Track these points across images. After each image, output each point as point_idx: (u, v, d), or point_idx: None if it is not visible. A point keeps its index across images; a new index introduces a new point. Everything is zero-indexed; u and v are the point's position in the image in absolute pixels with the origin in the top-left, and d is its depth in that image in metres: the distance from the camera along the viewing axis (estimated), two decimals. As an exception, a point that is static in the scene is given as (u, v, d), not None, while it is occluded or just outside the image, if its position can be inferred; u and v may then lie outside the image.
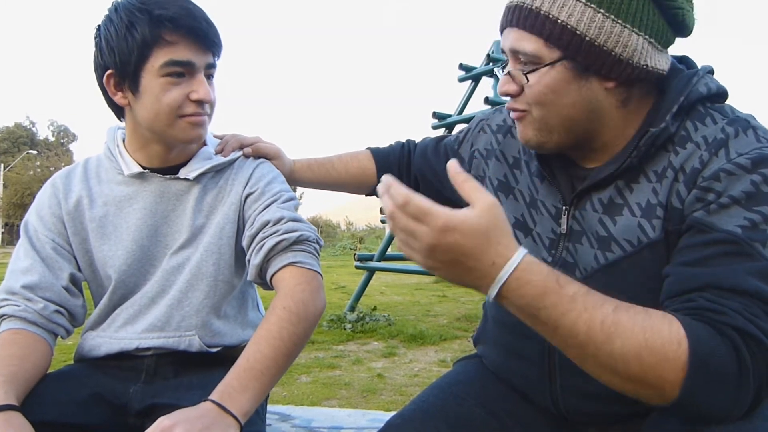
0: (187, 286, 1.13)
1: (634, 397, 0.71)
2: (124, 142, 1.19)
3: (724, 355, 0.67)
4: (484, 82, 6.79)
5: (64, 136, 52.37)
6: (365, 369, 4.06)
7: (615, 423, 0.88)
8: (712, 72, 0.87)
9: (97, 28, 1.09)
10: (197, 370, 1.13)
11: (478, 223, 0.66)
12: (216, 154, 1.22)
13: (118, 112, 1.15)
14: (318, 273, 1.12)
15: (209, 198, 1.17)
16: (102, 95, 1.12)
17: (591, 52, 0.80)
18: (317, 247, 1.15)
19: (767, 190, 0.72)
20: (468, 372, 1.05)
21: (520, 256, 0.68)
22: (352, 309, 6.00)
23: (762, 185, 0.72)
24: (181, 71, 1.05)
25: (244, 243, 1.15)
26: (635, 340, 0.66)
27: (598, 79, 0.82)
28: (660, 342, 0.66)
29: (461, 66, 6.76)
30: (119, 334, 1.13)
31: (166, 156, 1.16)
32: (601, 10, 0.79)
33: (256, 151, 1.26)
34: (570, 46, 0.80)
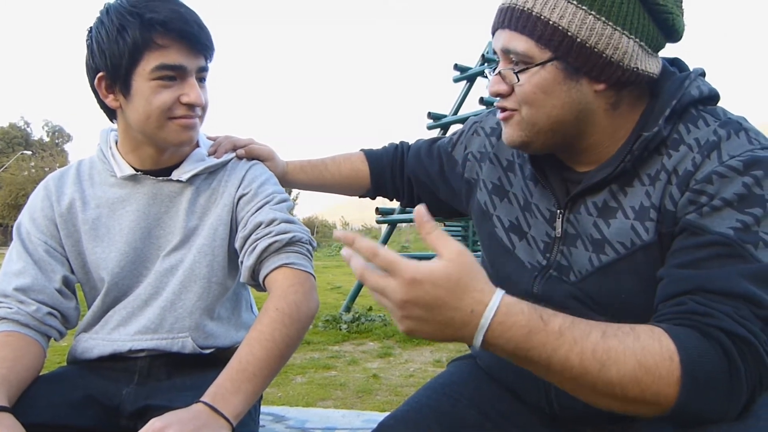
0: (180, 287, 1.13)
1: (630, 414, 0.71)
2: (117, 144, 1.19)
3: (714, 361, 0.67)
4: (479, 82, 6.81)
5: (59, 136, 52.17)
6: (360, 369, 4.05)
7: (609, 422, 0.88)
8: (703, 74, 0.88)
9: (89, 30, 1.08)
10: (190, 371, 1.13)
11: (446, 273, 0.65)
12: (209, 155, 1.22)
13: (110, 114, 1.15)
14: (311, 274, 1.12)
15: (202, 200, 1.17)
16: (94, 97, 1.12)
17: (582, 53, 0.80)
18: (310, 248, 1.15)
19: (759, 192, 0.72)
20: (462, 372, 1.05)
21: (498, 298, 0.67)
22: (348, 309, 6.00)
23: (754, 187, 0.72)
24: (172, 75, 1.05)
25: (237, 244, 1.14)
26: (629, 364, 0.66)
27: (589, 81, 0.82)
28: (653, 361, 0.67)
29: (456, 66, 6.77)
30: (112, 335, 1.12)
31: (158, 158, 1.16)
32: (592, 12, 0.79)
33: (249, 153, 1.26)
34: (561, 47, 0.80)
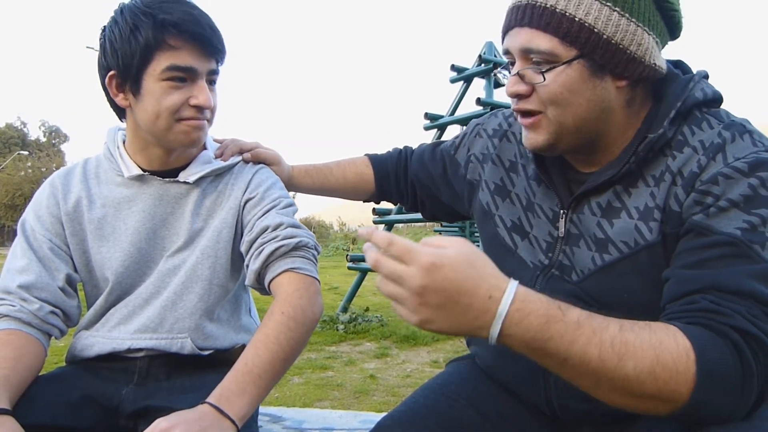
0: (181, 288, 1.13)
1: (643, 413, 0.70)
2: (125, 143, 1.19)
3: (728, 359, 0.67)
4: (476, 83, 6.82)
5: (56, 136, 52.05)
6: (358, 370, 4.06)
7: (608, 422, 0.88)
8: (707, 77, 0.88)
9: (103, 29, 1.09)
10: (190, 372, 1.13)
11: (464, 257, 0.64)
12: (216, 158, 1.23)
13: (119, 113, 1.15)
14: (316, 279, 1.12)
15: (208, 202, 1.17)
16: (104, 96, 1.13)
17: (608, 50, 0.80)
18: (315, 253, 1.16)
19: (765, 194, 0.73)
20: (460, 373, 1.05)
21: (515, 284, 0.66)
22: (345, 310, 6.00)
23: (760, 188, 0.73)
24: (182, 76, 1.05)
25: (243, 248, 1.15)
26: (647, 358, 0.66)
27: (612, 78, 0.82)
28: (670, 357, 0.66)
29: (453, 67, 6.78)
30: (112, 333, 1.13)
31: (166, 159, 1.16)
32: (616, 9, 0.79)
33: (256, 157, 1.26)
34: (588, 44, 0.80)
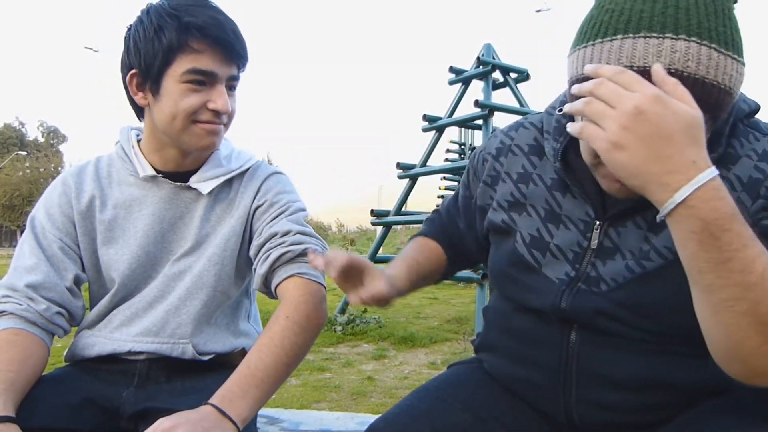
0: (186, 294, 1.14)
1: (750, 372, 0.67)
2: (139, 143, 1.20)
3: None
4: (475, 84, 6.83)
5: (54, 137, 52.06)
6: (355, 371, 4.07)
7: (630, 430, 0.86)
8: None
9: (128, 27, 1.10)
10: (190, 375, 1.14)
11: (690, 114, 0.62)
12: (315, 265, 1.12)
13: (138, 111, 1.16)
14: (322, 285, 1.13)
15: (218, 209, 1.18)
16: (125, 93, 1.14)
17: (730, 103, 0.75)
18: None
19: None
20: (459, 376, 1.04)
21: (716, 169, 0.63)
22: (343, 311, 6.00)
23: None
24: (202, 80, 1.06)
25: (251, 252, 1.16)
26: None
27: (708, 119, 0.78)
28: None
29: (452, 69, 6.79)
30: (114, 335, 1.13)
31: (181, 161, 1.17)
32: (740, 60, 0.73)
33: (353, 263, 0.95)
34: (722, 106, 0.73)
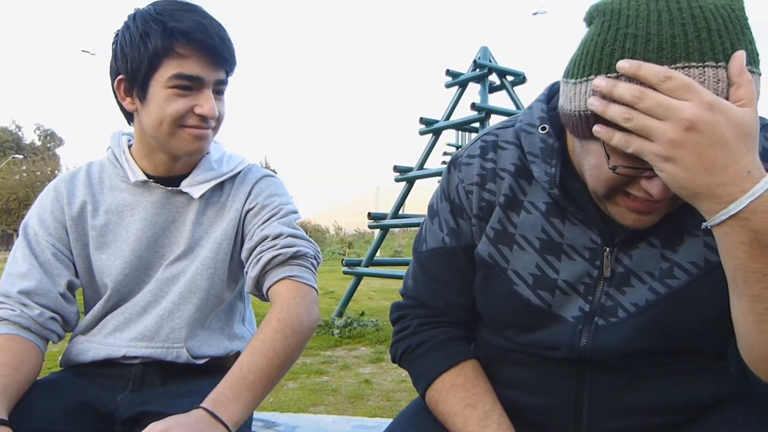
0: (179, 298, 1.14)
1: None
2: (130, 148, 1.20)
3: None
4: (471, 87, 6.85)
5: (51, 140, 51.90)
6: (353, 375, 4.07)
7: None
8: None
9: (116, 33, 1.11)
10: (185, 378, 1.14)
11: (744, 118, 0.60)
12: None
13: (128, 117, 1.16)
14: (313, 288, 1.13)
15: (210, 212, 1.18)
16: (114, 98, 1.14)
17: None
18: (314, 262, 1.16)
19: None
20: None
21: None
22: (340, 314, 6.00)
23: None
24: (188, 85, 1.06)
25: (243, 255, 1.16)
26: None
27: None
28: None
29: (448, 72, 6.81)
30: (108, 340, 1.13)
31: (171, 165, 1.17)
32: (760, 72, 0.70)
33: None
34: None
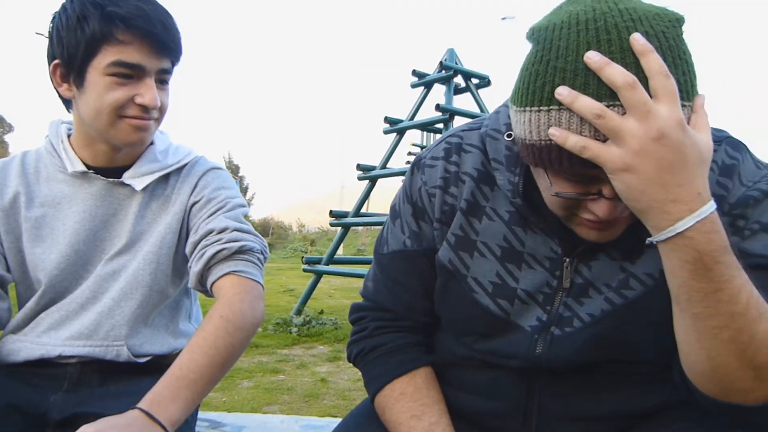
0: (120, 294, 1.09)
1: (724, 390, 0.68)
2: (69, 137, 1.14)
3: None
4: (437, 88, 6.89)
5: None
6: (309, 373, 4.03)
7: None
8: None
9: (53, 15, 1.05)
10: (125, 378, 1.10)
11: (708, 145, 0.62)
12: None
13: (66, 104, 1.10)
14: (259, 283, 1.10)
15: (154, 205, 1.14)
16: (51, 84, 1.08)
17: None
18: (261, 257, 1.13)
19: None
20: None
21: (714, 203, 0.63)
22: (299, 312, 5.95)
23: None
24: (128, 73, 1.01)
25: (187, 250, 1.12)
26: None
27: None
28: None
29: (414, 72, 6.83)
30: (41, 339, 1.08)
31: (112, 156, 1.12)
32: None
33: None
34: None
